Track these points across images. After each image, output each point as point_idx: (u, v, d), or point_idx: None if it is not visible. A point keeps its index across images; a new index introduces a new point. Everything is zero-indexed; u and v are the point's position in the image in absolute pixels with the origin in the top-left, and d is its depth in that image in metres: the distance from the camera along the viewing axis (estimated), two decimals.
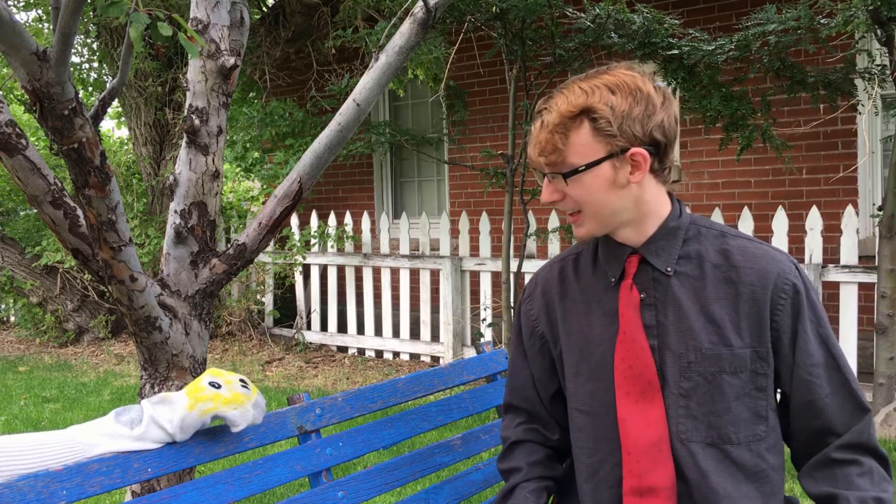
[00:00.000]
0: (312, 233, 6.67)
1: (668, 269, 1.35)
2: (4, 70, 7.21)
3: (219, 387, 1.36)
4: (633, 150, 1.29)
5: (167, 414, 1.31)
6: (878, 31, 3.70)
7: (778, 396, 1.39)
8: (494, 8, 4.40)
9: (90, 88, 7.56)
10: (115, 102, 7.70)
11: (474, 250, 6.34)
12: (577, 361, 1.41)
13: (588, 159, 1.30)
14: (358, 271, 6.60)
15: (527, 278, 5.60)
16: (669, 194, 1.39)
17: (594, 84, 1.30)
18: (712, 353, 1.31)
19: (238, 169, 7.49)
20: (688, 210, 1.42)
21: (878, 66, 4.14)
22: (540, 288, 1.50)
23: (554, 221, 5.59)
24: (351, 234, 6.57)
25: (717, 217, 5.12)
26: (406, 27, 2.13)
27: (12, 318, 8.33)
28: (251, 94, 7.40)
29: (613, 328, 1.37)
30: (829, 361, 1.34)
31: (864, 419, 1.34)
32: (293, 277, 6.89)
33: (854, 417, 1.34)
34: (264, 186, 7.44)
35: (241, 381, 1.41)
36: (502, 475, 1.52)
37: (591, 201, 1.33)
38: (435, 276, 6.14)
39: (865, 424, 1.34)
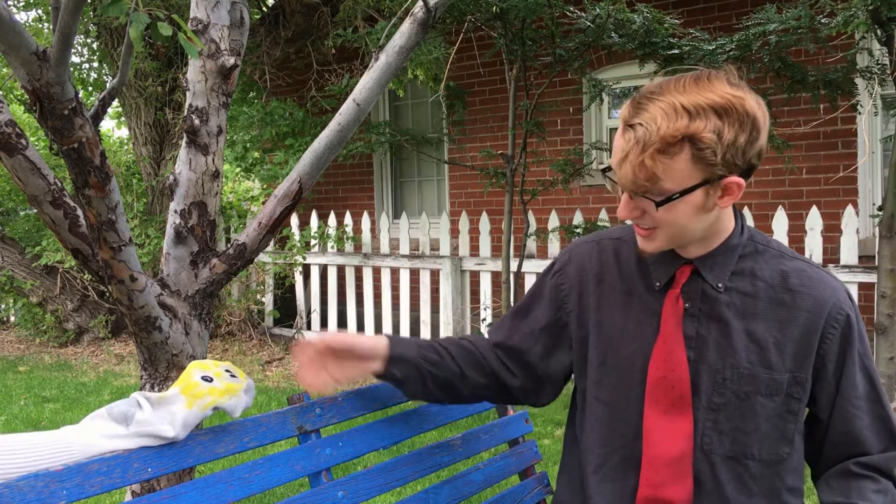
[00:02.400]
0: (312, 233, 6.66)
1: (720, 284, 1.32)
2: (4, 70, 7.21)
3: (211, 380, 1.36)
4: (731, 178, 1.20)
5: (165, 416, 1.31)
6: (878, 31, 3.70)
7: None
8: (494, 8, 4.40)
9: (90, 88, 7.56)
10: (115, 102, 7.69)
11: (474, 250, 6.34)
12: (605, 351, 1.38)
13: (682, 186, 1.19)
14: (358, 271, 6.60)
15: (527, 278, 5.60)
16: (733, 207, 1.34)
17: (698, 104, 1.16)
18: (749, 373, 1.29)
19: (238, 169, 7.49)
20: (748, 223, 1.38)
21: (879, 65, 4.14)
22: (575, 265, 1.44)
23: (554, 221, 5.59)
24: (351, 234, 6.57)
25: None
26: (406, 27, 2.13)
27: (12, 318, 8.33)
28: (251, 94, 7.40)
29: (650, 329, 1.34)
30: (871, 394, 1.34)
31: (895, 451, 1.36)
32: (293, 277, 6.89)
33: (888, 448, 1.35)
34: (264, 186, 7.44)
35: (227, 370, 1.41)
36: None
37: (675, 223, 1.25)
38: (435, 276, 6.14)
39: (894, 456, 1.35)
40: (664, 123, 1.16)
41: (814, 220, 4.77)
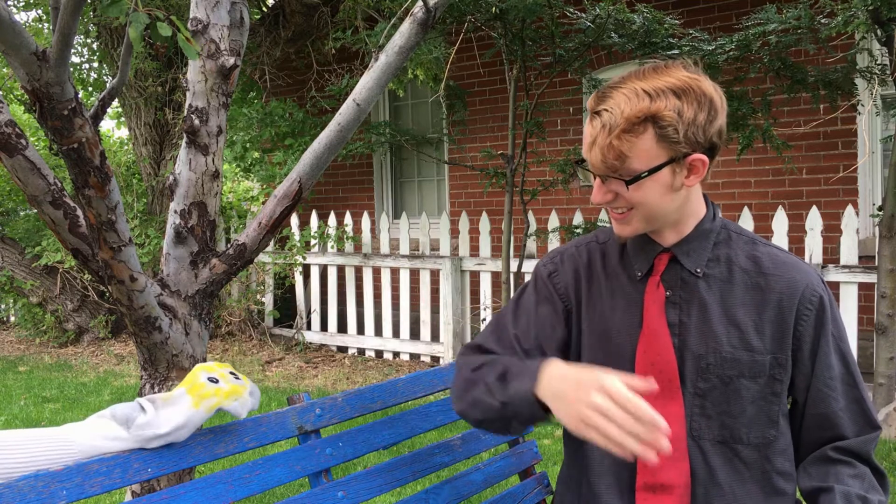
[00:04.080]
0: (312, 233, 6.67)
1: (698, 269, 1.36)
2: (4, 70, 7.21)
3: (217, 381, 1.36)
4: (694, 156, 1.27)
5: (172, 416, 1.31)
6: (878, 32, 3.70)
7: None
8: (494, 8, 4.40)
9: (90, 88, 7.56)
10: (115, 102, 7.70)
11: (474, 250, 6.34)
12: (595, 345, 1.41)
13: (650, 165, 1.26)
14: (358, 271, 6.60)
15: (527, 278, 5.59)
16: (704, 195, 1.40)
17: (658, 87, 1.25)
18: (732, 356, 1.32)
19: (237, 169, 7.50)
20: (720, 213, 1.43)
21: (879, 65, 4.14)
22: (569, 265, 1.47)
23: (554, 221, 5.60)
24: (351, 234, 6.57)
25: None
26: (406, 27, 2.13)
27: (12, 318, 8.33)
28: (251, 95, 7.41)
29: (635, 319, 1.37)
30: (846, 377, 1.37)
31: (871, 434, 1.37)
32: (293, 277, 6.89)
33: (863, 431, 1.37)
34: (264, 186, 7.44)
35: (231, 372, 1.41)
36: (467, 373, 1.39)
37: (646, 204, 1.30)
38: (435, 276, 6.14)
39: (870, 439, 1.37)
40: (627, 107, 1.24)
41: (814, 220, 4.77)
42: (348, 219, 6.61)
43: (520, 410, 1.28)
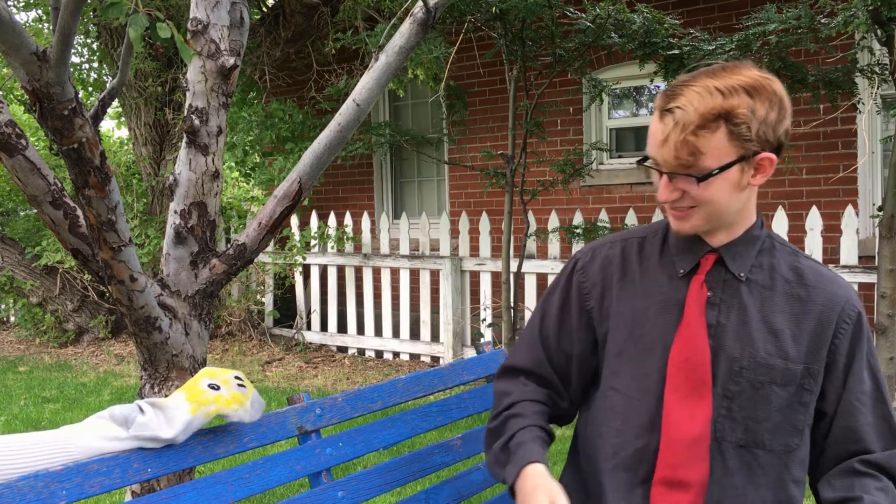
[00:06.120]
0: (312, 233, 6.67)
1: (742, 274, 1.37)
2: (4, 70, 7.21)
3: (218, 388, 1.36)
4: (763, 154, 1.28)
5: (169, 420, 1.31)
6: (878, 32, 3.70)
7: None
8: (494, 8, 4.40)
9: (90, 88, 7.56)
10: (115, 102, 7.69)
11: (474, 250, 6.34)
12: (624, 341, 1.41)
13: (721, 162, 1.27)
14: (358, 271, 6.60)
15: (527, 278, 5.60)
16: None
17: (730, 85, 1.26)
18: (766, 362, 1.33)
19: (237, 174, 7.50)
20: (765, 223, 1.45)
21: (879, 65, 4.14)
22: (599, 263, 1.48)
23: (554, 221, 5.60)
24: (351, 234, 6.57)
25: None
26: (406, 27, 2.13)
27: (12, 318, 8.33)
28: (251, 95, 7.40)
29: (670, 318, 1.37)
30: (876, 392, 1.38)
31: None
32: (293, 278, 6.89)
33: (889, 446, 1.38)
34: (264, 193, 7.45)
35: (237, 377, 1.41)
36: (501, 421, 1.47)
37: (713, 202, 1.31)
38: (435, 276, 6.14)
39: None
40: (700, 104, 1.25)
41: (814, 221, 4.77)
42: (348, 219, 6.61)
43: (509, 489, 1.39)
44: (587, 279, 1.47)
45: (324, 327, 6.79)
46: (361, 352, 6.54)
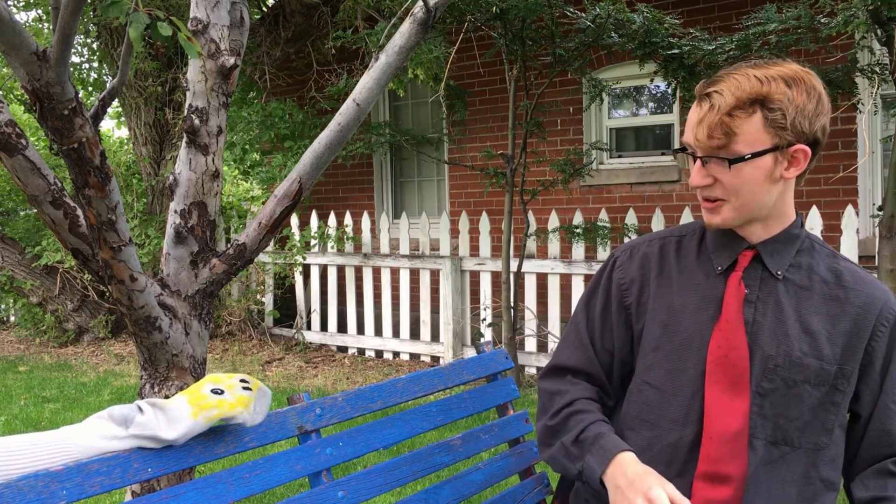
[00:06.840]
0: (312, 233, 6.67)
1: (779, 272, 1.37)
2: (4, 70, 7.21)
3: (221, 392, 1.35)
4: (798, 146, 1.29)
5: (170, 423, 1.31)
6: (878, 31, 3.70)
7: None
8: (494, 8, 4.40)
9: (90, 88, 7.56)
10: (115, 102, 7.70)
11: (474, 250, 6.34)
12: (660, 337, 1.42)
13: (754, 148, 1.28)
14: (358, 271, 6.60)
15: (527, 278, 5.60)
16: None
17: (769, 74, 1.28)
18: (801, 361, 1.33)
19: (236, 172, 7.50)
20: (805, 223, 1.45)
21: (879, 64, 4.14)
22: (637, 260, 1.49)
23: (554, 221, 5.60)
24: (351, 234, 6.57)
25: None
26: (406, 27, 2.13)
27: (12, 318, 8.33)
28: (251, 95, 7.41)
29: (708, 314, 1.38)
30: None
31: None
32: (293, 277, 6.89)
33: None
34: (264, 190, 7.45)
35: (242, 381, 1.40)
36: (570, 420, 1.45)
37: (744, 191, 1.31)
38: (435, 276, 6.14)
39: None
40: (738, 88, 1.28)
41: (814, 220, 4.77)
42: (348, 219, 6.61)
43: (588, 480, 1.37)
44: (625, 276, 1.48)
45: (324, 327, 6.79)
46: (361, 351, 6.54)
